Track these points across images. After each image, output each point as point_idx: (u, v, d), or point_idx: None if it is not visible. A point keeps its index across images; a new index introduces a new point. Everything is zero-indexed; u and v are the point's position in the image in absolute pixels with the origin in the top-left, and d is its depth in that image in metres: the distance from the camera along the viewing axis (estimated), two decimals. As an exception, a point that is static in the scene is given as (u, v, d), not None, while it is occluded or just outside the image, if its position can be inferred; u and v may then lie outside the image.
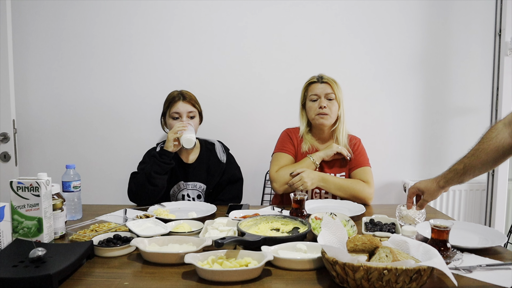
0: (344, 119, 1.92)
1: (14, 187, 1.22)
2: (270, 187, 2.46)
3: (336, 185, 1.80)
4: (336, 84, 1.89)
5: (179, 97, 1.89)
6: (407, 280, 0.92)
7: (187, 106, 1.88)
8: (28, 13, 2.36)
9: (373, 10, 2.44)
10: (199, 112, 1.95)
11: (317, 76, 1.92)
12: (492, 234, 1.35)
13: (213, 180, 1.91)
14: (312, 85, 1.91)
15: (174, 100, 1.89)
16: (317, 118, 1.87)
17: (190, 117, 1.89)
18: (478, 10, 2.45)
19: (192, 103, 1.90)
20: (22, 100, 2.38)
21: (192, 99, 1.92)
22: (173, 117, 1.88)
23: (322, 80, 1.89)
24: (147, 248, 1.14)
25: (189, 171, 1.93)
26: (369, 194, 1.82)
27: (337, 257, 0.96)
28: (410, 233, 1.28)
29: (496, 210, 2.37)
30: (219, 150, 1.98)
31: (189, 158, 1.95)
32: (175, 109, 1.87)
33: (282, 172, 1.84)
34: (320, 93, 1.87)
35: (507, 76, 2.29)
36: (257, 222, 1.37)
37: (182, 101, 1.88)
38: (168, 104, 1.91)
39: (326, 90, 1.87)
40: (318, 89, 1.88)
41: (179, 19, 2.40)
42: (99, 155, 2.46)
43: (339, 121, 1.91)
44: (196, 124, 1.92)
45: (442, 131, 2.55)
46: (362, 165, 1.90)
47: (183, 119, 1.87)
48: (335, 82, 1.90)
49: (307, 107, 1.93)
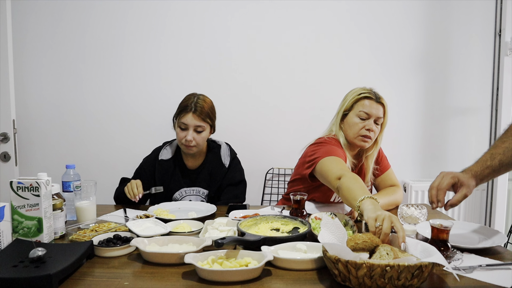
0: (380, 144, 1.76)
1: (14, 187, 1.21)
2: (270, 187, 2.46)
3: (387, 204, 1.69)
4: (387, 107, 1.70)
5: (191, 108, 1.78)
6: (409, 277, 0.93)
7: (196, 120, 1.78)
8: (28, 13, 2.36)
9: (372, 11, 2.44)
10: (210, 125, 1.85)
11: (373, 92, 1.70)
12: (492, 234, 1.34)
13: (215, 184, 1.89)
14: (366, 100, 1.68)
15: (185, 110, 1.79)
16: (359, 139, 1.69)
17: (197, 131, 1.80)
18: (478, 10, 2.45)
19: (202, 117, 1.78)
20: (22, 100, 2.38)
21: (203, 112, 1.79)
22: (180, 127, 1.80)
23: (378, 99, 1.69)
24: (147, 248, 1.14)
25: (192, 177, 1.91)
26: (402, 197, 1.80)
27: (340, 255, 0.96)
28: (410, 232, 1.28)
29: (496, 210, 2.37)
30: (224, 153, 1.93)
31: (194, 163, 1.92)
32: (183, 119, 1.78)
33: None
34: (372, 113, 1.66)
35: (507, 76, 2.29)
36: (257, 222, 1.37)
37: (192, 114, 1.77)
38: (179, 111, 1.82)
39: (379, 113, 1.67)
40: (372, 108, 1.66)
41: (184, 19, 2.41)
42: (99, 155, 2.47)
43: (375, 146, 1.75)
44: (202, 137, 1.82)
45: (442, 131, 2.55)
46: (386, 170, 1.87)
47: (189, 132, 1.78)
48: (387, 104, 1.71)
49: (350, 121, 1.70)
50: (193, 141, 1.79)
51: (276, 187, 2.46)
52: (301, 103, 2.48)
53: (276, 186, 2.46)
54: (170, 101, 1.99)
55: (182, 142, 1.81)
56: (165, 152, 1.92)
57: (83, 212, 1.47)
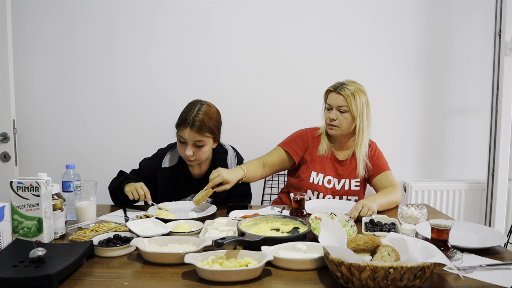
0: (364, 131, 1.83)
1: (14, 187, 1.21)
2: (270, 187, 2.46)
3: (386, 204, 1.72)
4: (352, 97, 1.79)
5: (189, 122, 1.66)
6: (411, 278, 0.93)
7: (194, 135, 1.67)
8: (28, 13, 2.36)
9: (372, 11, 2.44)
10: (212, 138, 1.74)
11: (335, 85, 1.86)
12: (492, 234, 1.34)
13: (221, 195, 1.77)
14: (329, 94, 1.86)
15: (184, 123, 1.68)
16: (328, 128, 1.86)
17: (196, 146, 1.70)
18: (478, 10, 2.45)
19: (201, 133, 1.67)
20: (22, 100, 2.38)
21: (203, 127, 1.67)
22: (180, 140, 1.72)
23: (337, 90, 1.82)
24: (147, 248, 1.14)
25: (197, 186, 1.77)
26: (401, 197, 1.81)
27: (343, 258, 0.96)
28: (410, 231, 1.28)
29: (496, 210, 2.36)
30: (232, 161, 1.85)
31: (199, 171, 1.84)
32: (181, 133, 1.69)
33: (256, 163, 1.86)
34: (333, 104, 1.83)
35: (507, 76, 2.29)
36: (257, 222, 1.37)
37: (190, 130, 1.66)
38: (178, 123, 1.71)
39: (339, 102, 1.81)
40: (332, 99, 1.83)
41: (185, 20, 2.41)
42: (99, 155, 2.46)
43: (358, 134, 1.84)
44: (203, 152, 1.73)
45: (442, 131, 2.55)
46: (383, 170, 1.89)
47: (188, 147, 1.69)
48: (353, 94, 1.79)
49: (323, 114, 1.91)
50: (193, 156, 1.71)
51: (276, 187, 2.46)
52: (301, 103, 2.48)
53: (276, 186, 2.46)
54: (171, 101, 2.00)
55: (182, 155, 1.73)
56: (169, 158, 1.82)
57: (83, 212, 1.47)
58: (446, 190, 2.46)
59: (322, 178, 1.88)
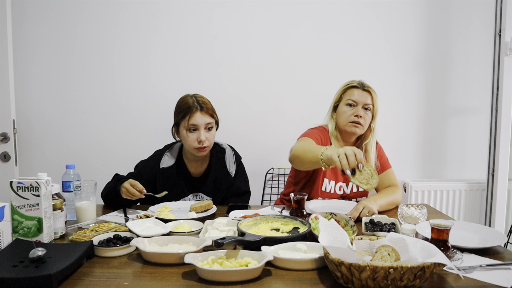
0: (376, 132, 1.82)
1: (14, 187, 1.22)
2: (270, 187, 2.46)
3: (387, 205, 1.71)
4: (376, 95, 1.79)
5: (197, 107, 1.69)
6: (411, 278, 0.93)
7: (205, 117, 1.69)
8: (29, 13, 2.36)
9: (372, 11, 2.45)
10: (216, 121, 1.77)
11: (358, 82, 1.81)
12: (492, 234, 1.34)
13: (219, 194, 1.81)
14: (352, 89, 1.79)
15: (191, 110, 1.68)
16: (350, 125, 1.77)
17: (207, 128, 1.72)
18: (478, 10, 2.46)
19: (210, 114, 1.72)
20: (22, 100, 2.38)
21: (209, 108, 1.72)
22: (190, 129, 1.69)
23: (364, 87, 1.78)
24: (147, 248, 1.14)
25: (196, 185, 1.82)
26: (401, 197, 1.80)
27: (343, 258, 0.96)
28: (410, 231, 1.28)
29: (496, 210, 2.36)
30: (229, 159, 1.84)
31: (197, 170, 1.84)
32: (192, 121, 1.68)
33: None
34: (359, 101, 1.76)
35: (507, 76, 2.29)
36: (257, 222, 1.37)
37: (200, 112, 1.68)
38: (184, 114, 1.70)
39: (366, 99, 1.76)
40: (358, 96, 1.76)
41: (185, 21, 2.41)
42: (99, 155, 2.47)
43: (371, 134, 1.81)
44: (213, 135, 1.75)
45: (442, 131, 2.55)
46: (385, 169, 1.87)
47: (201, 131, 1.69)
48: (375, 92, 1.79)
49: (340, 110, 1.81)
50: (206, 141, 1.70)
51: (276, 187, 2.46)
52: (301, 103, 2.48)
53: (276, 186, 2.46)
54: (171, 102, 1.97)
55: (194, 145, 1.70)
56: (167, 158, 1.82)
57: (83, 212, 1.47)
58: (446, 190, 2.46)
59: (334, 185, 1.84)
